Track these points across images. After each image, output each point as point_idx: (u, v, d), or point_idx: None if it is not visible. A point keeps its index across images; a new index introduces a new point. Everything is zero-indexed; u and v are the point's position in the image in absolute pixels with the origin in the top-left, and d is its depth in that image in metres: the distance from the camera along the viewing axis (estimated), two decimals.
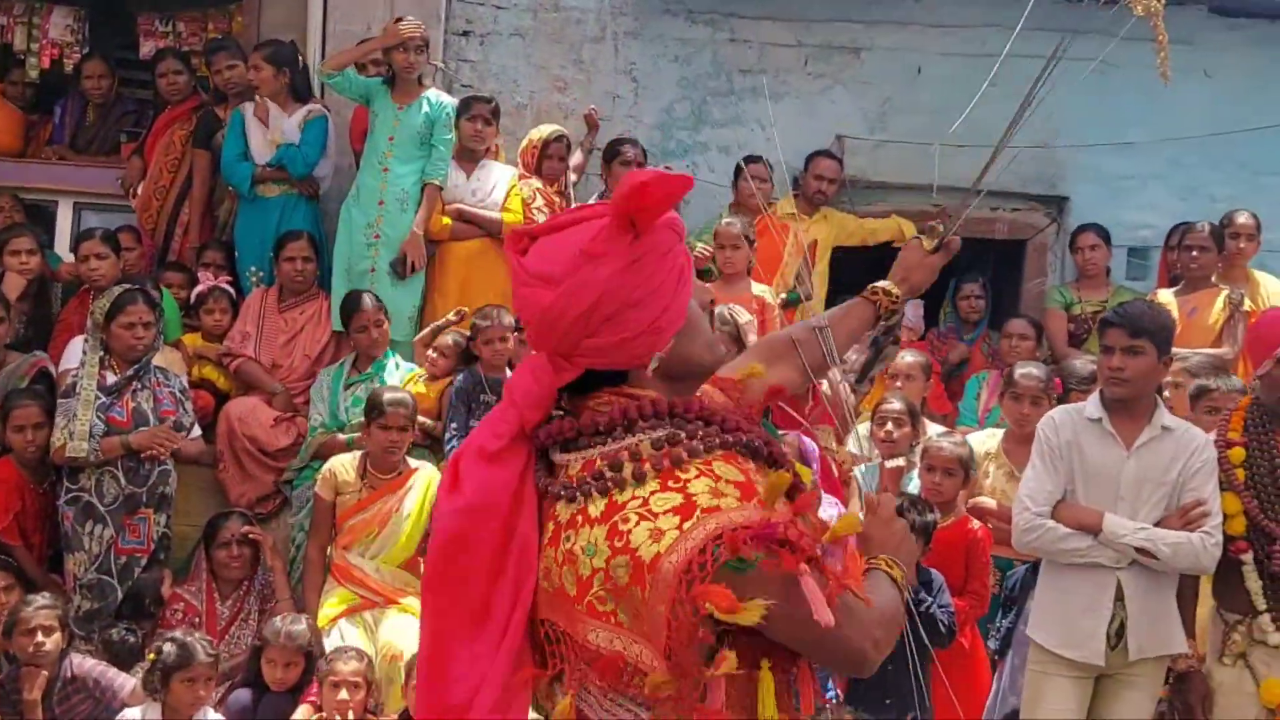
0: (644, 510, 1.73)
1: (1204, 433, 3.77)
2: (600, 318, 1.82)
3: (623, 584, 1.71)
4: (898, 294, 2.54)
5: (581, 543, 1.76)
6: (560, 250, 1.86)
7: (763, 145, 7.03)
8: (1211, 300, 6.21)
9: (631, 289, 1.82)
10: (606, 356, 1.86)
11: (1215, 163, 7.06)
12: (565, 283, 1.82)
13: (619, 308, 1.82)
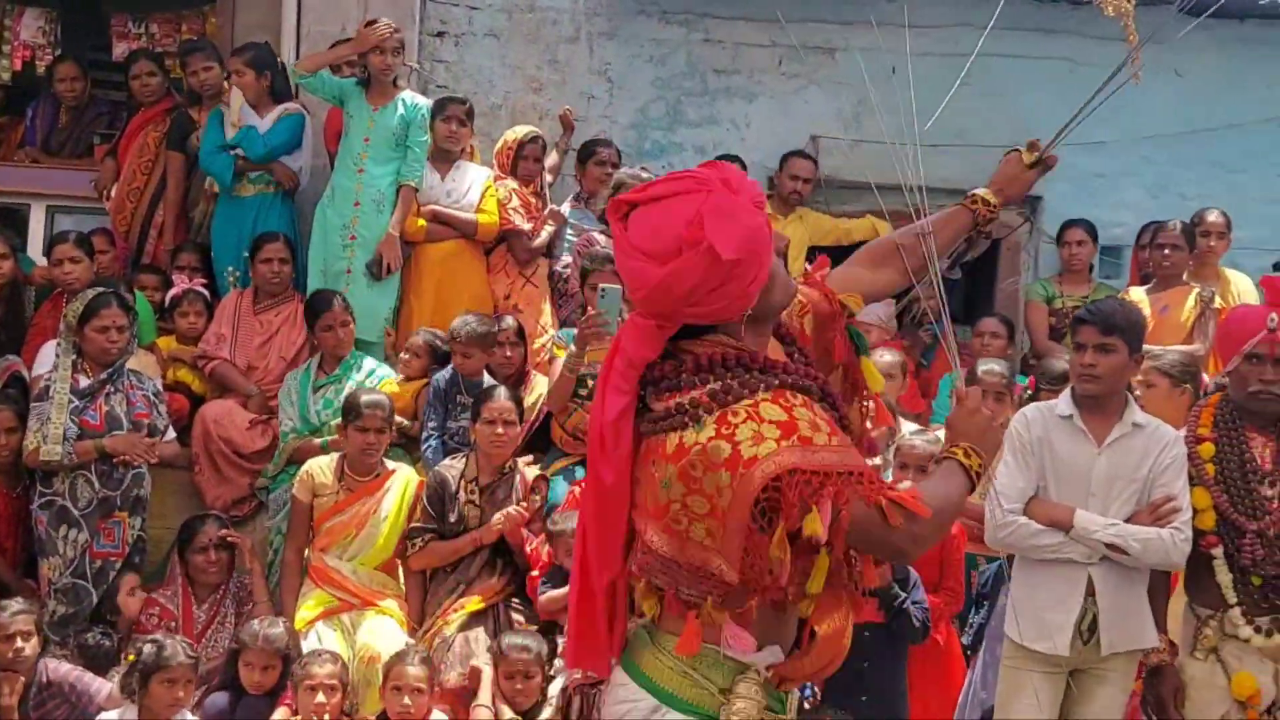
0: (704, 459, 2.07)
1: (1174, 429, 3.80)
2: (704, 292, 2.08)
3: (701, 512, 2.07)
4: (995, 202, 2.81)
5: (660, 474, 2.12)
6: (663, 226, 2.10)
7: (738, 145, 7.07)
8: (1183, 298, 6.25)
9: (730, 267, 2.06)
10: (704, 318, 2.15)
11: (1186, 161, 7.13)
12: (672, 264, 2.08)
13: (720, 283, 2.07)
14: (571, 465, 5.32)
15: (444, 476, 4.93)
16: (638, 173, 6.16)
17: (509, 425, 4.91)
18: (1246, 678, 3.61)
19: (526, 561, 4.82)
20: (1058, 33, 7.17)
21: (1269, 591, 3.62)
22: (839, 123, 7.18)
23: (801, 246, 6.82)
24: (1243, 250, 6.66)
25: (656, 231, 2.10)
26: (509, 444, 4.94)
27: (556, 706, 4.38)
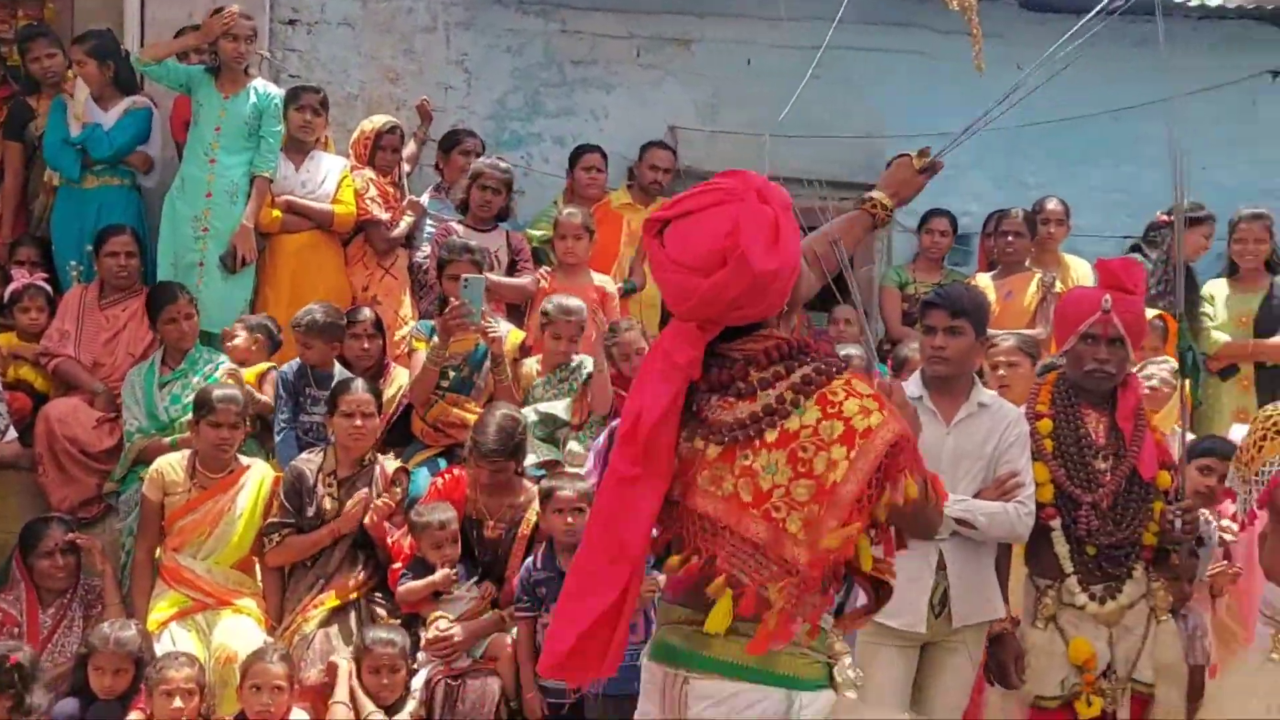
0: (816, 440, 2.20)
1: (1016, 408, 3.93)
2: (748, 298, 2.24)
3: (802, 500, 2.19)
4: (890, 205, 2.99)
5: (761, 463, 2.22)
6: (701, 239, 2.24)
7: (597, 136, 7.08)
8: (1026, 283, 6.49)
9: (769, 275, 2.22)
10: (749, 319, 2.30)
11: (1027, 152, 7.39)
12: (715, 276, 2.21)
13: (762, 289, 2.24)
14: (433, 457, 5.28)
15: (301, 470, 4.84)
16: (495, 163, 6.14)
17: (367, 418, 4.84)
18: (1083, 643, 3.75)
19: (388, 555, 4.77)
20: (909, 26, 7.37)
21: (1103, 561, 3.75)
22: (696, 114, 7.26)
23: None
24: (1081, 237, 6.93)
25: (695, 245, 2.24)
26: (368, 437, 4.87)
27: (420, 700, 4.35)
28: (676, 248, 2.27)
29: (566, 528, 4.41)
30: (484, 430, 4.64)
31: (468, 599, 4.59)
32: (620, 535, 2.32)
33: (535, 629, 4.40)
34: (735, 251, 2.20)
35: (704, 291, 2.23)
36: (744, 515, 2.25)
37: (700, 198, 2.28)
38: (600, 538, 2.37)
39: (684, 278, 2.25)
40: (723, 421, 2.28)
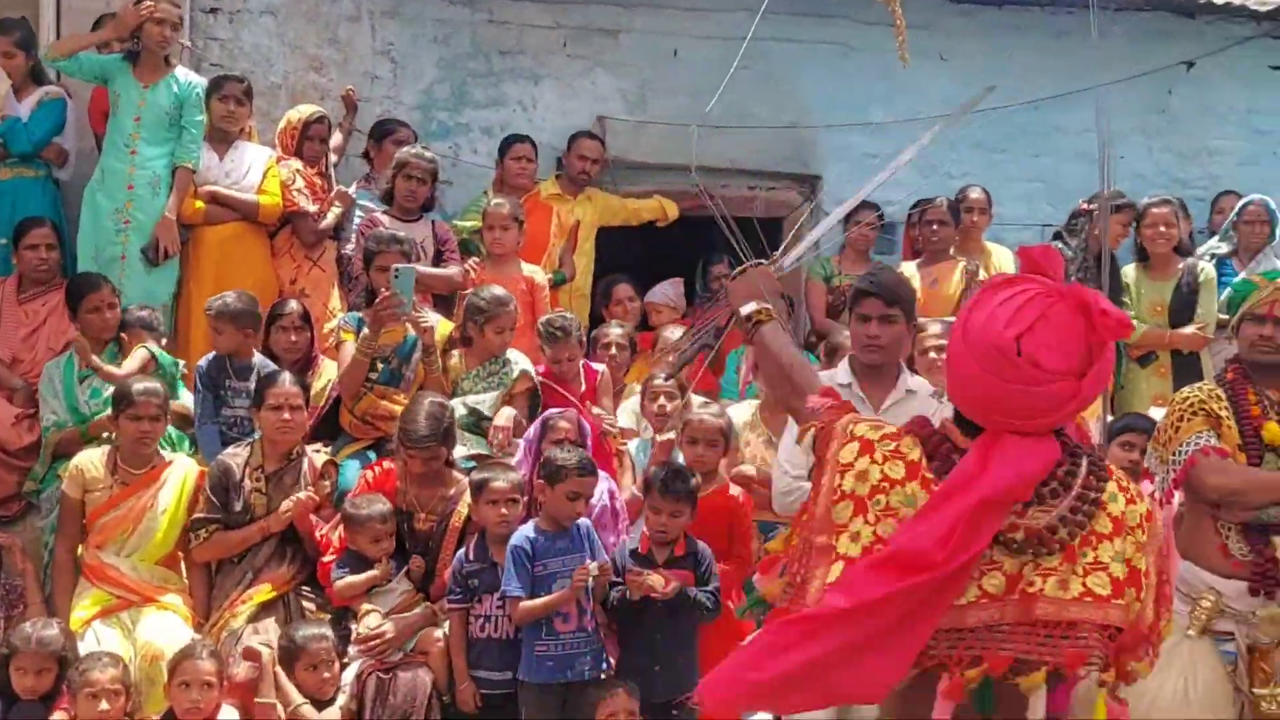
0: (1145, 524, 2.23)
1: (943, 393, 3.98)
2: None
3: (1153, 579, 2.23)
4: (769, 307, 2.82)
5: (1108, 554, 2.18)
6: (1066, 343, 2.17)
7: (525, 126, 7.07)
8: (950, 271, 6.60)
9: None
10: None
11: (952, 142, 7.48)
12: (1089, 373, 2.18)
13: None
14: (362, 450, 5.23)
15: (227, 465, 4.77)
16: (421, 152, 6.09)
17: (295, 411, 4.79)
18: None
19: (316, 548, 4.72)
20: (835, 17, 7.42)
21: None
22: (624, 104, 7.27)
23: (592, 227, 6.88)
24: (1004, 225, 7.05)
25: (1062, 348, 2.16)
26: (295, 430, 4.82)
27: (351, 694, 4.32)
28: (1049, 358, 2.16)
29: (500, 519, 4.40)
30: (413, 418, 4.61)
31: (399, 592, 4.56)
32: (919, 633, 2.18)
33: (468, 620, 4.40)
34: (1099, 345, 2.18)
35: (1087, 389, 2.19)
36: (1096, 609, 2.19)
37: (1028, 301, 2.22)
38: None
39: (1063, 386, 2.16)
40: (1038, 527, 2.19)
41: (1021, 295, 2.22)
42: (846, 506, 2.23)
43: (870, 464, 2.24)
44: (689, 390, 5.38)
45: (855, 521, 2.22)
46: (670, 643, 4.39)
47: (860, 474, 2.23)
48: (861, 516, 2.22)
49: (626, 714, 4.09)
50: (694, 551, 4.46)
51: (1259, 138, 7.68)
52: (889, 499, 2.21)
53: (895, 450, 2.25)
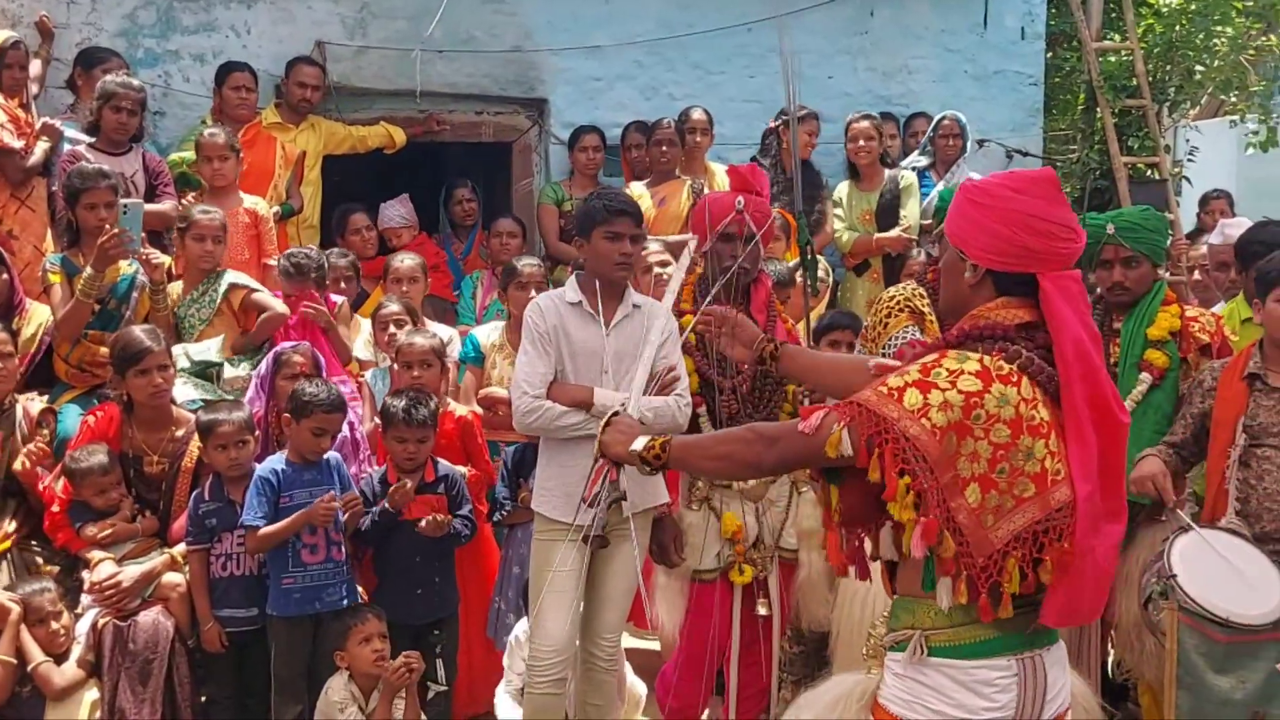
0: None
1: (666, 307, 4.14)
2: None
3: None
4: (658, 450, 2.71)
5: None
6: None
7: (240, 53, 6.80)
8: (677, 191, 6.80)
9: None
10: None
11: (671, 64, 7.68)
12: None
13: None
14: (81, 396, 5.00)
15: None
16: (128, 81, 5.79)
17: (5, 358, 4.54)
18: (732, 517, 4.07)
19: (40, 501, 4.51)
20: None
21: None
22: (344, 29, 7.09)
23: (317, 156, 6.72)
24: (724, 145, 7.30)
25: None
26: (6, 379, 4.56)
27: (88, 645, 4.18)
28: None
29: (230, 462, 4.32)
30: (129, 336, 4.46)
31: (132, 539, 4.42)
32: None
33: (208, 561, 4.32)
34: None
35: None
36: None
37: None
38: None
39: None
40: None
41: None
42: (951, 437, 2.30)
43: (939, 392, 2.32)
44: (419, 316, 5.39)
45: (966, 444, 2.31)
46: (428, 567, 4.45)
47: (942, 405, 2.31)
48: (969, 436, 2.32)
49: (380, 638, 4.13)
50: (445, 476, 4.52)
51: (951, 56, 8.19)
52: (985, 407, 2.32)
53: (951, 371, 2.35)
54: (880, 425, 2.32)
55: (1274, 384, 3.85)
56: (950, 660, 2.38)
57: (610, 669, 4.13)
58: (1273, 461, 3.80)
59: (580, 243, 4.04)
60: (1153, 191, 8.12)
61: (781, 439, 2.47)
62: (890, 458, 2.30)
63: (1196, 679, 3.61)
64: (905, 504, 2.31)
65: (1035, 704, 2.42)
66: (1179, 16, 8.95)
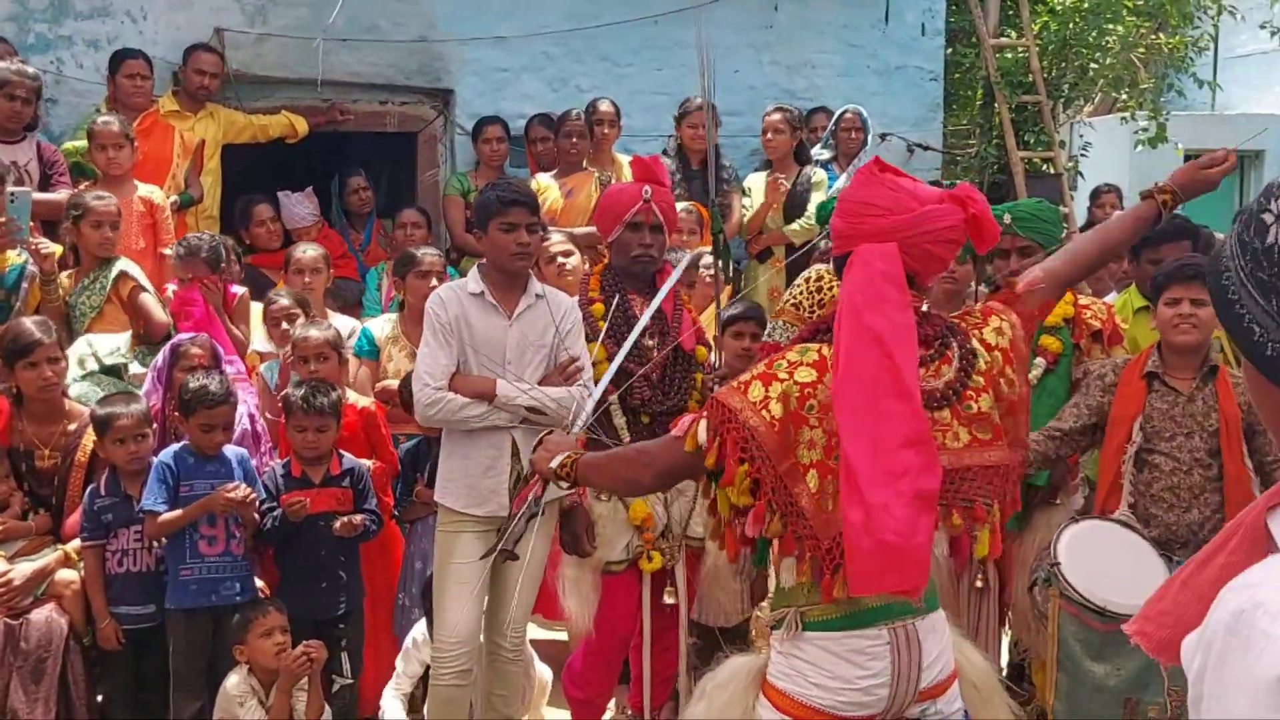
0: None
1: (570, 297, 4.16)
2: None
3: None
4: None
5: (986, 404, 2.66)
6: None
7: (136, 39, 6.66)
8: (585, 182, 6.80)
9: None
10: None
11: (579, 56, 7.68)
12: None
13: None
14: None
15: None
16: (22, 68, 5.65)
17: None
18: (640, 505, 4.10)
19: None
20: None
21: (655, 428, 4.05)
22: (243, 16, 6.98)
23: (216, 144, 6.61)
24: (631, 137, 7.33)
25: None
26: None
27: None
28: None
29: (130, 456, 4.24)
30: (19, 329, 4.34)
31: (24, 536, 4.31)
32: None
33: (104, 557, 4.23)
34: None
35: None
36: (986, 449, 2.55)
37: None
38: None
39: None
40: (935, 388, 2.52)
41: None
42: (789, 427, 2.41)
43: (779, 384, 2.43)
44: (310, 308, 5.32)
45: (803, 432, 2.42)
46: (333, 561, 4.40)
47: (781, 396, 2.42)
48: (805, 425, 2.42)
49: (281, 631, 4.07)
50: (350, 469, 4.47)
51: (854, 51, 8.31)
52: (819, 397, 2.42)
53: (791, 363, 2.46)
54: (726, 415, 2.44)
55: (1170, 385, 3.95)
56: (823, 633, 2.50)
57: (516, 660, 4.13)
58: (1161, 469, 3.88)
59: (479, 235, 4.03)
60: (1048, 186, 8.35)
61: (657, 455, 2.65)
62: (731, 446, 2.43)
63: (1074, 664, 3.72)
64: (741, 489, 2.44)
65: (911, 671, 2.52)
66: (1073, 15, 9.20)
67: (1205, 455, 3.86)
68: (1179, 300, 3.91)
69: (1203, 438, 3.87)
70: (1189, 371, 3.94)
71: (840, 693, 2.48)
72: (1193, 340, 3.91)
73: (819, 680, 2.49)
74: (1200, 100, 12.64)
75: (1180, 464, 3.87)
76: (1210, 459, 3.86)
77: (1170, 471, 3.87)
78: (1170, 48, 9.69)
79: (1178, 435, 3.89)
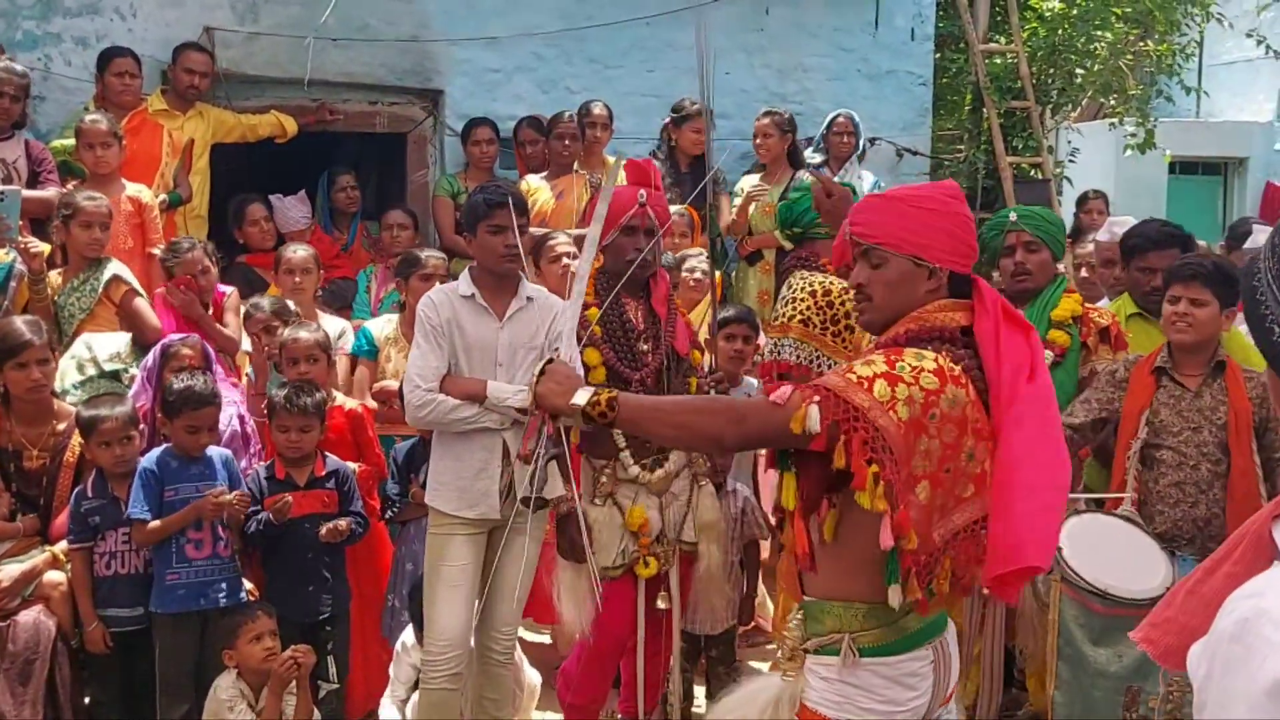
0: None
1: (561, 299, 4.14)
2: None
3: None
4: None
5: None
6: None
7: (125, 37, 6.62)
8: (576, 184, 6.79)
9: None
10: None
11: (569, 57, 7.67)
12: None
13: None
14: None
15: None
16: (11, 66, 5.63)
17: None
18: (638, 511, 4.08)
19: None
20: None
21: None
22: (234, 15, 6.95)
23: (205, 143, 6.57)
24: (621, 139, 7.32)
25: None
26: None
27: None
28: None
29: (116, 459, 4.21)
30: (10, 329, 4.31)
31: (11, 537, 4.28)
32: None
33: (92, 560, 4.20)
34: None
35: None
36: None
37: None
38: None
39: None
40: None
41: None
42: (911, 433, 2.30)
43: (904, 386, 2.31)
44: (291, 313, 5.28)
45: (921, 441, 2.32)
46: (319, 564, 4.38)
47: (906, 400, 2.30)
48: (925, 435, 2.32)
49: (270, 635, 4.06)
50: (335, 471, 4.45)
51: (844, 55, 8.32)
52: (940, 407, 2.33)
53: (913, 367, 2.35)
54: (848, 412, 2.29)
55: (1178, 380, 3.98)
56: (880, 658, 2.42)
57: (506, 663, 4.12)
58: (1168, 464, 3.91)
59: (468, 238, 4.03)
60: (1036, 191, 8.37)
61: (750, 415, 2.40)
62: (859, 446, 2.28)
63: (1076, 650, 3.74)
64: (876, 494, 2.28)
65: (944, 682, 2.51)
66: (1061, 21, 9.23)
67: (1214, 449, 3.90)
68: (1179, 299, 3.96)
69: (1211, 432, 3.90)
70: (1197, 368, 3.99)
71: (892, 716, 2.42)
72: (1188, 339, 3.95)
73: (870, 705, 2.42)
74: (1186, 108, 12.73)
75: (1187, 459, 3.90)
76: (1219, 453, 3.89)
77: (1177, 466, 3.91)
78: (1158, 54, 9.73)
79: (1185, 430, 3.92)
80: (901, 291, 2.50)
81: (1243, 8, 11.83)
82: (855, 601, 2.42)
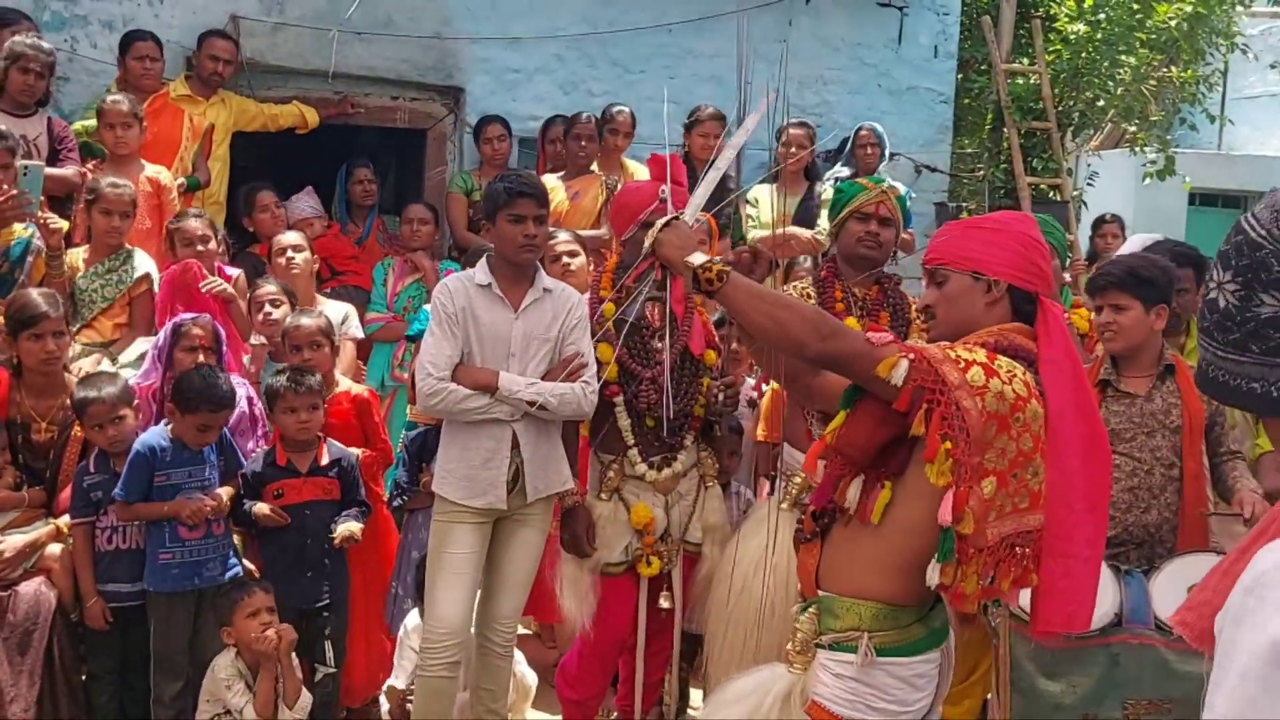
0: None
1: (578, 292, 4.14)
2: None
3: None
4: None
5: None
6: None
7: (152, 23, 6.66)
8: (592, 185, 6.78)
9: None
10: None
11: (592, 60, 7.68)
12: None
13: None
14: None
15: None
16: (38, 43, 5.64)
17: None
18: (643, 509, 4.07)
19: None
20: None
21: (660, 432, 4.07)
22: (261, 4, 6.97)
23: (226, 130, 6.59)
24: (640, 144, 7.30)
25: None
26: None
27: None
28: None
29: (109, 440, 4.20)
30: (25, 299, 4.31)
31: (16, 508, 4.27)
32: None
33: (93, 534, 4.20)
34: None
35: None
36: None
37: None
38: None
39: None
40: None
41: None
42: (992, 426, 2.35)
43: (1000, 384, 2.37)
44: (295, 296, 5.28)
45: (1000, 439, 2.37)
46: (318, 550, 4.37)
47: (997, 394, 2.36)
48: (1006, 433, 2.37)
49: (267, 611, 4.04)
50: (338, 459, 4.44)
51: (866, 69, 8.32)
52: (1025, 415, 2.40)
53: (1010, 370, 2.41)
54: (937, 382, 2.35)
55: (1124, 389, 4.00)
56: (895, 659, 2.45)
57: (506, 655, 4.10)
58: (1122, 470, 3.89)
59: (487, 227, 4.02)
60: (1054, 212, 8.33)
61: (844, 335, 2.45)
62: (938, 419, 2.33)
63: (1029, 684, 3.66)
64: (943, 469, 2.34)
65: (944, 686, 2.57)
66: (1085, 44, 9.22)
67: (1167, 454, 3.92)
68: (1101, 309, 4.00)
69: (1164, 435, 3.92)
70: (1141, 371, 4.00)
71: (898, 717, 2.46)
72: (1116, 347, 3.99)
73: (880, 705, 2.45)
74: (1207, 139, 12.70)
75: (1141, 463, 3.91)
76: (1173, 457, 3.91)
77: (1130, 473, 3.91)
78: (1181, 81, 9.72)
79: (1139, 435, 3.93)
80: (961, 305, 2.57)
81: (1267, 43, 11.82)
82: (876, 601, 2.46)
